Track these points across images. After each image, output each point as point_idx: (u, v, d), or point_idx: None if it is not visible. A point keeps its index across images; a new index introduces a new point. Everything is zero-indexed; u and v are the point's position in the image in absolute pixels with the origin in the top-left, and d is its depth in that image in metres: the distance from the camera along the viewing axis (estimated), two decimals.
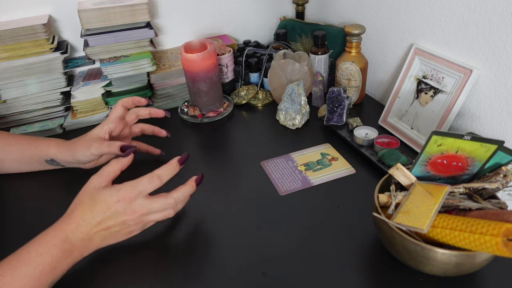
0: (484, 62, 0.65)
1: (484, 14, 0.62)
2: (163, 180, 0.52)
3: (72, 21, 0.93)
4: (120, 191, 0.51)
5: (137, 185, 0.51)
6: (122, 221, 0.51)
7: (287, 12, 1.17)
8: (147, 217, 0.53)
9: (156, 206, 0.52)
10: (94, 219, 0.50)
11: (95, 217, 0.50)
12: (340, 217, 0.59)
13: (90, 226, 0.50)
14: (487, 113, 0.66)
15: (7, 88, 0.82)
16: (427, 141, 0.48)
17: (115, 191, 0.51)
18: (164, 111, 0.71)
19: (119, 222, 0.51)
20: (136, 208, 0.51)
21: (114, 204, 0.50)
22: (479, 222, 0.42)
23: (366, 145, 0.73)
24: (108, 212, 0.50)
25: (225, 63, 0.94)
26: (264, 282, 0.50)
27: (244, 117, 0.90)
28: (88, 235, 0.50)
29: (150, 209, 0.52)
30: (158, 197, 0.52)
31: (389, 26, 0.84)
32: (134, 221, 0.52)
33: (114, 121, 0.66)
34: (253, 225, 0.59)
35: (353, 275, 0.50)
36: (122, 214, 0.51)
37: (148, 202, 0.52)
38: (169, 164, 0.53)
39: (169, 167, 0.53)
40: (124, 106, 0.68)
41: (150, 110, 0.71)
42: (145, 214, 0.52)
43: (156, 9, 1.01)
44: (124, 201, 0.50)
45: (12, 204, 0.67)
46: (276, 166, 0.71)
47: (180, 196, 0.54)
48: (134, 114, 0.70)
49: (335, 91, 0.76)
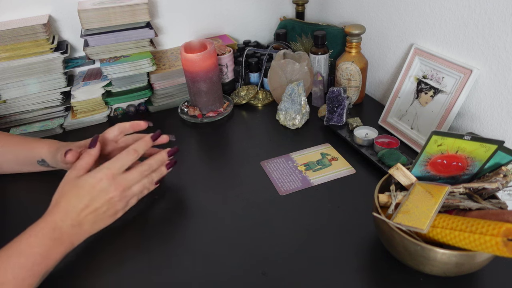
0: (484, 62, 0.65)
1: (484, 14, 0.62)
2: (139, 152, 0.57)
3: (72, 21, 0.93)
4: (101, 170, 0.54)
5: (116, 161, 0.55)
6: (108, 199, 0.53)
7: (287, 12, 1.17)
8: (129, 191, 0.56)
9: (134, 176, 0.56)
10: (82, 202, 0.51)
11: (82, 200, 0.52)
12: (340, 217, 0.59)
13: (78, 210, 0.51)
14: (487, 113, 0.66)
15: (7, 88, 0.82)
16: (427, 141, 0.48)
17: (96, 171, 0.54)
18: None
19: (105, 201, 0.53)
20: (119, 182, 0.54)
21: (98, 182, 0.53)
22: (479, 222, 0.42)
23: (366, 145, 0.73)
24: (93, 192, 0.52)
25: (225, 63, 0.94)
26: (264, 282, 0.50)
27: (244, 117, 0.90)
28: (77, 221, 0.51)
29: (130, 181, 0.56)
30: (133, 168, 0.57)
31: (389, 26, 0.84)
32: (118, 197, 0.54)
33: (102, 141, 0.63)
34: (253, 225, 0.59)
35: (353, 275, 0.50)
36: (107, 192, 0.53)
37: (127, 174, 0.56)
38: (142, 139, 0.59)
39: (143, 141, 0.59)
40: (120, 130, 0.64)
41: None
42: (127, 188, 0.56)
43: (156, 9, 1.01)
44: (107, 178, 0.53)
45: (10, 204, 0.67)
46: (276, 166, 0.72)
47: (152, 162, 0.59)
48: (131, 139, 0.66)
49: (335, 91, 0.76)
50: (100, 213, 0.53)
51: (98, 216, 0.53)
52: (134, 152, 0.57)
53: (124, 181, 0.55)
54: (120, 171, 0.55)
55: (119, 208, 0.56)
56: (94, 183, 0.53)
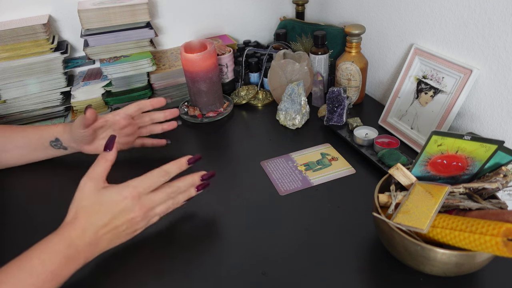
0: (484, 62, 0.65)
1: (484, 14, 0.62)
2: (171, 174, 0.53)
3: (72, 21, 0.93)
4: (127, 188, 0.50)
5: (144, 180, 0.51)
6: (129, 218, 0.50)
7: (287, 12, 1.17)
8: (152, 211, 0.52)
9: (159, 197, 0.52)
10: (102, 221, 0.48)
11: (102, 218, 0.48)
12: (340, 217, 0.59)
13: (97, 228, 0.48)
14: (487, 113, 0.66)
15: (7, 88, 0.82)
16: (427, 141, 0.48)
17: (122, 188, 0.50)
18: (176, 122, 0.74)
19: (126, 220, 0.50)
20: (144, 202, 0.51)
21: (122, 200, 0.49)
22: (479, 222, 0.42)
23: (366, 145, 0.73)
24: (116, 210, 0.49)
25: (225, 63, 0.94)
26: (264, 282, 0.50)
27: (244, 117, 0.90)
28: (95, 239, 0.48)
29: (154, 202, 0.52)
30: (160, 188, 0.53)
31: (389, 26, 0.84)
32: (141, 217, 0.51)
33: (120, 115, 0.67)
34: (253, 225, 0.59)
35: (353, 275, 0.50)
36: (130, 212, 0.50)
37: (153, 194, 0.52)
38: (178, 161, 0.54)
39: (178, 163, 0.54)
40: (139, 107, 0.69)
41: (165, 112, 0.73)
42: (151, 209, 0.52)
43: (156, 9, 1.01)
44: (132, 197, 0.50)
45: (13, 200, 0.67)
46: (276, 166, 0.71)
47: (181, 185, 0.54)
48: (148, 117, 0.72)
49: (335, 91, 0.76)
50: (120, 231, 0.50)
51: (116, 235, 0.50)
52: (165, 174, 0.52)
53: (149, 202, 0.51)
54: (146, 192, 0.51)
55: (139, 228, 0.52)
56: (118, 201, 0.49)
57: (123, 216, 0.50)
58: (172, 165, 0.53)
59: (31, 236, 0.48)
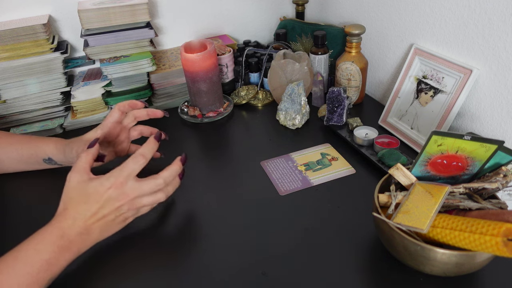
0: (484, 62, 0.65)
1: (484, 14, 0.62)
2: (147, 157, 0.55)
3: (72, 21, 0.93)
4: (110, 178, 0.52)
5: (124, 168, 0.53)
6: (116, 207, 0.52)
7: (287, 12, 1.17)
8: (139, 200, 0.54)
9: (146, 187, 0.54)
10: (89, 211, 0.51)
11: (89, 208, 0.51)
12: (340, 217, 0.59)
13: (86, 217, 0.50)
14: (487, 113, 0.66)
15: (7, 88, 0.82)
16: (427, 141, 0.48)
17: (104, 179, 0.52)
18: (162, 111, 0.70)
19: (113, 209, 0.52)
20: (128, 191, 0.52)
21: (106, 191, 0.51)
22: (479, 222, 0.42)
23: (366, 145, 0.73)
24: (101, 201, 0.51)
25: (225, 63, 0.94)
26: (264, 282, 0.50)
27: (244, 117, 0.90)
28: (85, 228, 0.50)
29: (141, 191, 0.53)
30: (148, 179, 0.54)
31: (389, 26, 0.84)
32: (127, 205, 0.53)
33: (108, 126, 0.66)
34: (253, 225, 0.59)
35: (353, 275, 0.50)
36: (115, 200, 0.52)
37: (139, 184, 0.53)
38: (148, 142, 0.56)
39: (149, 144, 0.56)
40: (121, 110, 0.67)
41: (147, 111, 0.70)
42: (138, 197, 0.53)
43: (156, 9, 1.01)
44: (115, 187, 0.52)
45: (11, 204, 0.67)
46: (276, 166, 0.71)
47: (168, 175, 0.55)
48: (131, 117, 0.70)
49: (335, 91, 0.76)
50: (109, 220, 0.52)
51: (106, 224, 0.52)
52: (141, 157, 0.54)
53: (133, 191, 0.53)
54: (128, 179, 0.52)
55: (129, 216, 0.54)
56: (102, 192, 0.51)
57: (109, 206, 0.52)
58: (143, 148, 0.55)
59: None
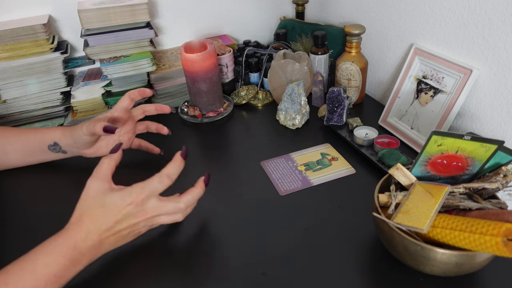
0: (484, 62, 0.65)
1: (484, 14, 0.62)
2: (173, 178, 0.52)
3: (72, 21, 0.93)
4: (132, 194, 0.50)
5: (147, 186, 0.51)
6: (133, 223, 0.51)
7: (287, 12, 1.17)
8: (157, 219, 0.53)
9: (166, 209, 0.52)
10: (105, 225, 0.49)
11: (106, 222, 0.49)
12: (340, 217, 0.59)
13: (101, 231, 0.49)
14: (487, 113, 0.66)
15: (7, 88, 0.82)
16: (427, 141, 0.48)
17: (126, 193, 0.50)
18: (169, 107, 0.71)
19: (130, 225, 0.50)
20: (147, 209, 0.51)
21: (125, 207, 0.50)
22: (479, 222, 0.42)
23: (366, 145, 0.73)
24: (119, 215, 0.49)
25: (225, 63, 0.94)
26: (264, 281, 0.50)
27: (244, 117, 0.90)
28: (98, 242, 0.49)
29: (160, 212, 0.52)
30: (169, 200, 0.52)
31: (389, 26, 0.84)
32: (144, 222, 0.52)
33: (118, 110, 0.66)
34: (253, 225, 0.59)
35: (353, 275, 0.50)
36: (134, 217, 0.50)
37: (160, 204, 0.51)
38: (174, 161, 0.53)
39: (175, 164, 0.53)
40: (131, 97, 0.67)
41: (156, 106, 0.71)
42: (156, 216, 0.52)
43: (156, 9, 1.01)
44: (136, 204, 0.50)
45: (13, 201, 0.67)
46: (276, 166, 0.71)
47: (190, 199, 0.54)
48: (140, 110, 0.70)
49: (335, 91, 0.76)
50: (123, 234, 0.51)
51: (120, 237, 0.51)
52: (167, 178, 0.51)
53: (152, 210, 0.51)
54: (150, 197, 0.51)
55: (142, 231, 0.54)
56: (121, 207, 0.49)
57: (126, 221, 0.50)
58: (171, 168, 0.52)
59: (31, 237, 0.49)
